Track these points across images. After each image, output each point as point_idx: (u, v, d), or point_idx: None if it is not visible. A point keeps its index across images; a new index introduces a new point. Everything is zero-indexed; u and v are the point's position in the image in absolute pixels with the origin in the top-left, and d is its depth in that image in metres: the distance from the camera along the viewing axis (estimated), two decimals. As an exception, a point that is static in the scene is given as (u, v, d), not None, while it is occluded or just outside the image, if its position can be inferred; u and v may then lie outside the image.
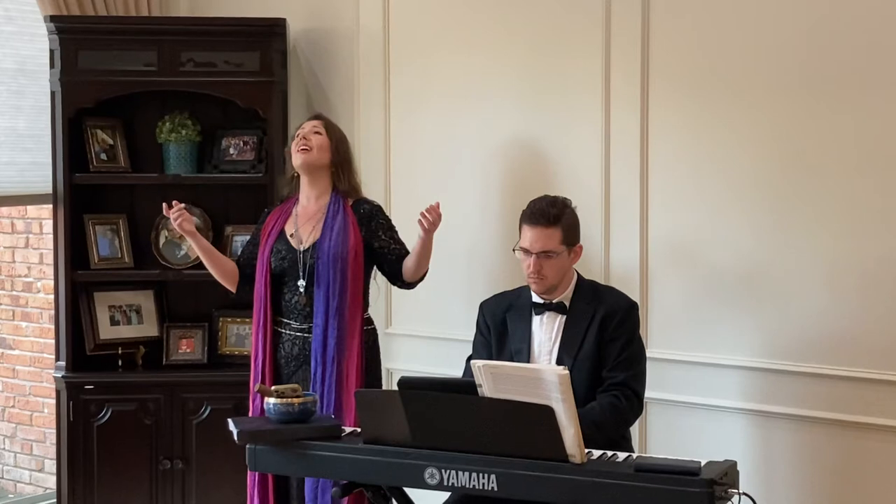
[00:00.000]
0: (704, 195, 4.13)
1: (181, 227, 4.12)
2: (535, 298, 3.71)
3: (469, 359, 3.78)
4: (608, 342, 3.59)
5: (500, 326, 3.75)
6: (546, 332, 3.68)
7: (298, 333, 4.13)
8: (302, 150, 4.13)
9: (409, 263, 4.12)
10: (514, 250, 3.71)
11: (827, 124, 3.87)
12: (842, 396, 3.88)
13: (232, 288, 4.30)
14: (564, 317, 3.67)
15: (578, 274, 3.76)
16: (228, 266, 4.31)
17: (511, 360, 3.67)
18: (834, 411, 3.90)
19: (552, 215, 3.63)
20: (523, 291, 3.76)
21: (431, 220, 3.94)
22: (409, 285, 4.20)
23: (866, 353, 3.83)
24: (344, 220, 4.10)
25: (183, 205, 4.15)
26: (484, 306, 3.85)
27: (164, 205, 4.16)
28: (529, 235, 3.64)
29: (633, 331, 3.65)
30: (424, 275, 4.17)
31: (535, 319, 3.70)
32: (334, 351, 4.04)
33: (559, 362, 3.60)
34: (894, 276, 3.78)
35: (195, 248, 4.26)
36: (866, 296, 3.83)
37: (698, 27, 4.11)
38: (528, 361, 3.65)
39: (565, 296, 3.69)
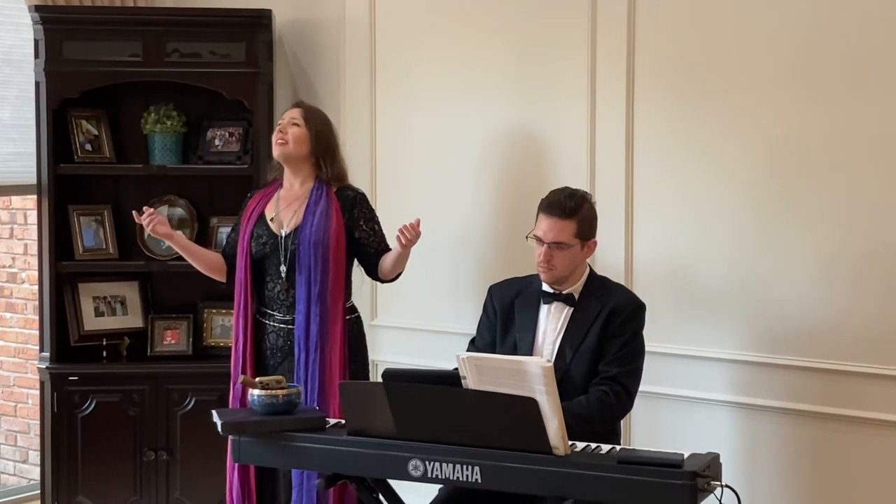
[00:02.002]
0: (691, 188, 4.13)
1: (155, 232, 4.12)
2: (545, 288, 3.70)
3: (472, 341, 3.79)
4: (610, 338, 3.59)
5: (508, 311, 3.74)
6: (552, 322, 3.67)
7: (283, 325, 4.12)
8: (279, 143, 4.11)
9: (385, 264, 4.11)
10: (527, 237, 3.70)
11: (815, 118, 3.87)
12: (826, 389, 3.89)
13: (221, 278, 4.29)
14: (572, 309, 3.66)
15: (591, 268, 3.75)
16: (212, 258, 4.30)
17: (514, 345, 3.67)
18: (818, 404, 3.91)
19: (569, 208, 3.62)
20: (534, 279, 3.75)
21: (409, 237, 3.92)
22: (384, 281, 4.21)
23: (851, 346, 3.84)
24: (327, 206, 4.08)
25: (152, 209, 4.15)
26: (493, 289, 3.83)
27: (133, 213, 4.15)
28: (544, 225, 3.63)
29: (636, 330, 3.64)
30: (399, 275, 4.17)
31: (543, 308, 3.69)
32: (317, 337, 4.03)
33: (560, 353, 3.61)
34: (880, 269, 3.79)
35: (175, 247, 4.25)
36: (853, 289, 3.84)
37: (684, 21, 4.11)
38: (532, 349, 3.65)
39: (575, 288, 3.68)
